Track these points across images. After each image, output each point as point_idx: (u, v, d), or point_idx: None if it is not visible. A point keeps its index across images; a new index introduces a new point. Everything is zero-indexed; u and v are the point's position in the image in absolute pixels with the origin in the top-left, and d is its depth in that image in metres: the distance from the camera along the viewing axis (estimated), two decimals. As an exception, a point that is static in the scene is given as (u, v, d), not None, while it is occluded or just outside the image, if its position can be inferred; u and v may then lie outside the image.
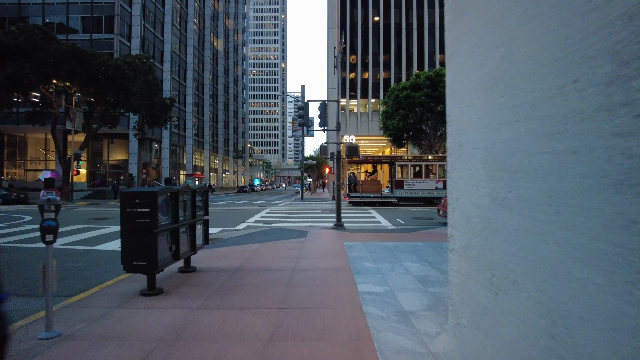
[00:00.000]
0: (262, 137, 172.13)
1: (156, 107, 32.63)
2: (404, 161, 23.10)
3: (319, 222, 14.51)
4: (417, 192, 22.42)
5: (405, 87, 28.19)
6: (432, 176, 22.87)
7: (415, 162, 23.16)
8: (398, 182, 22.51)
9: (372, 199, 22.62)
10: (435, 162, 23.08)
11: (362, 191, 22.77)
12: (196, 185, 50.82)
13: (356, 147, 11.64)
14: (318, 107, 11.84)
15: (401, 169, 22.93)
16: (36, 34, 26.47)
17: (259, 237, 9.88)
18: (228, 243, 9.11)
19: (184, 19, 60.23)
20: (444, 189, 21.88)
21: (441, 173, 22.76)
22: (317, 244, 8.57)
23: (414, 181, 22.55)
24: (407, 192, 22.45)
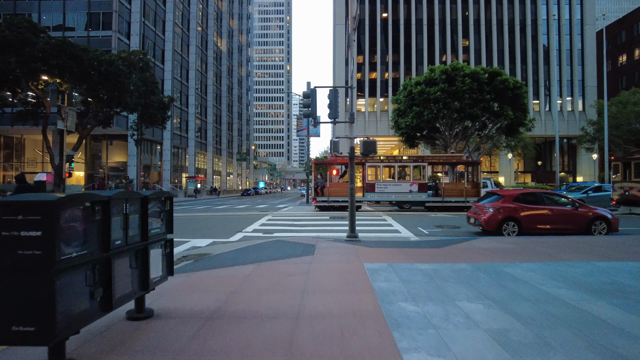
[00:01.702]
0: (267, 139, 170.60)
1: (153, 105, 30.82)
2: (375, 161, 21.08)
3: (328, 231, 12.48)
4: (390, 196, 20.53)
5: (419, 82, 26.17)
6: (406, 178, 20.90)
7: (387, 163, 21.25)
8: (369, 185, 20.57)
9: (340, 203, 20.61)
10: (409, 162, 21.00)
11: (330, 195, 20.69)
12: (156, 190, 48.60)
13: (373, 143, 9.63)
14: (327, 95, 9.85)
15: (372, 170, 21.07)
16: (24, 27, 24.76)
17: (255, 254, 7.87)
18: (214, 263, 7.12)
19: (186, 18, 58.65)
20: (419, 192, 20.31)
21: (417, 175, 20.88)
22: (328, 266, 6.53)
23: (386, 183, 20.58)
24: (378, 195, 20.54)
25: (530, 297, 4.68)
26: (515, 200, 11.20)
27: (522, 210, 11.06)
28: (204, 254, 8.49)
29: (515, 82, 25.43)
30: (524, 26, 48.79)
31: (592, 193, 20.94)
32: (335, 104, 9.63)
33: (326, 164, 22.65)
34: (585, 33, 48.10)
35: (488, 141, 30.79)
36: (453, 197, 20.29)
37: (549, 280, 5.53)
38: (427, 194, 20.60)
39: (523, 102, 25.94)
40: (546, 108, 48.21)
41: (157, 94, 31.55)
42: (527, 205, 11.12)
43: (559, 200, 11.40)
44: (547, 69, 48.34)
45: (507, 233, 11.06)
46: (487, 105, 25.20)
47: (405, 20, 49.03)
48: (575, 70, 48.36)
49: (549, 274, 5.95)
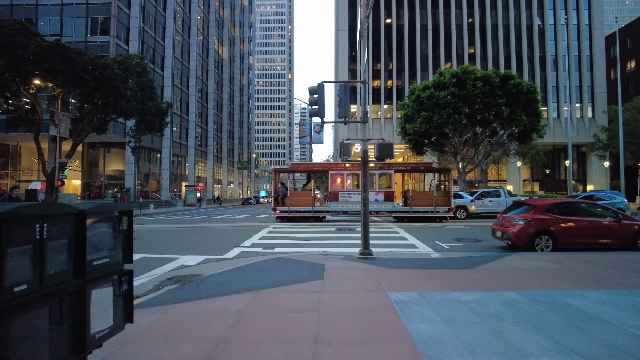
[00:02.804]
0: (269, 147, 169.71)
1: (151, 111, 29.64)
2: (339, 169, 19.87)
3: (335, 245, 11.15)
4: (355, 206, 19.21)
5: (427, 87, 24.98)
6: (373, 187, 19.63)
7: (352, 171, 19.89)
8: (332, 194, 19.44)
9: (302, 213, 19.45)
10: (375, 170, 19.71)
11: (291, 205, 19.49)
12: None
13: (390, 146, 8.36)
14: (337, 92, 8.62)
15: (335, 178, 19.80)
16: (16, 30, 23.73)
17: (253, 277, 6.56)
18: (202, 289, 5.81)
19: (187, 25, 57.93)
20: (385, 202, 19.16)
21: (384, 183, 19.72)
22: (344, 297, 5.21)
23: (351, 192, 19.40)
24: (342, 205, 19.36)
25: (633, 350, 3.36)
26: (548, 212, 9.88)
27: (556, 223, 9.74)
28: (193, 275, 7.19)
29: (529, 86, 24.22)
30: (531, 32, 47.80)
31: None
32: (346, 101, 8.39)
33: (288, 172, 21.42)
34: (594, 38, 47.06)
35: (499, 148, 29.51)
36: (422, 206, 19.02)
37: (637, 319, 4.20)
38: (394, 203, 19.37)
39: (537, 106, 24.71)
40: (554, 115, 46.99)
41: (155, 99, 30.42)
42: (562, 217, 9.80)
43: (598, 211, 10.07)
44: (556, 76, 47.23)
45: (540, 248, 9.73)
46: (499, 110, 23.99)
47: (410, 26, 48.10)
48: (584, 76, 47.22)
49: (629, 308, 4.62)
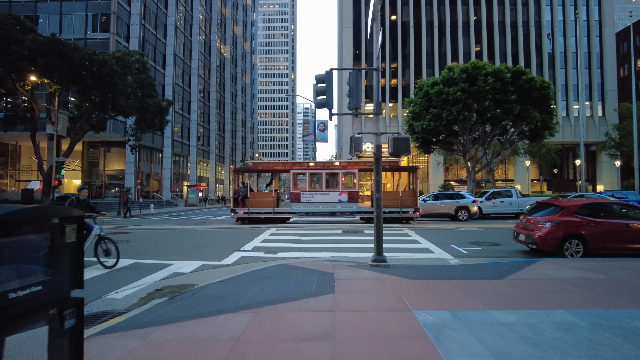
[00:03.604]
0: (271, 147, 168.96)
1: (150, 109, 28.84)
2: (301, 168, 19.29)
3: (343, 250, 10.28)
4: (318, 206, 18.66)
5: (436, 83, 24.07)
6: (336, 187, 19.08)
7: (315, 170, 19.29)
8: (294, 195, 18.72)
9: (263, 214, 18.71)
10: (339, 169, 19.12)
11: (252, 205, 18.70)
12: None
13: (406, 140, 7.48)
14: (347, 81, 7.75)
15: (298, 178, 19.23)
16: (10, 24, 22.99)
17: (252, 291, 5.70)
18: (194, 305, 4.96)
19: (189, 23, 57.17)
20: (349, 202, 18.46)
21: (349, 183, 19.12)
22: (361, 318, 4.33)
23: (313, 193, 18.74)
24: (304, 206, 18.66)
25: None
26: (577, 213, 8.98)
27: (588, 225, 8.83)
28: (186, 286, 6.35)
29: (542, 82, 23.27)
30: (539, 28, 46.75)
31: None
32: (357, 90, 7.53)
33: (249, 171, 20.72)
34: (604, 35, 45.96)
35: (509, 147, 28.55)
36: (387, 207, 18.05)
37: None
38: (358, 204, 18.71)
39: (550, 103, 23.77)
40: (563, 113, 45.92)
41: (155, 97, 29.64)
42: (594, 219, 8.88)
43: (634, 212, 9.16)
44: (565, 73, 46.17)
45: (569, 254, 8.83)
46: (510, 106, 23.03)
47: (415, 23, 47.16)
48: (594, 73, 46.12)
49: None
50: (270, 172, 21.21)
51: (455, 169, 48.06)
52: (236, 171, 20.68)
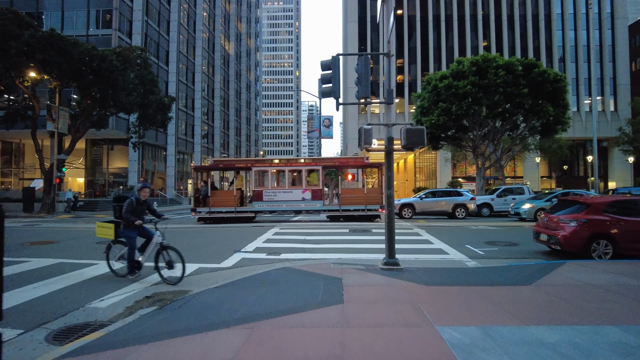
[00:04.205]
0: (276, 145, 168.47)
1: (152, 106, 28.30)
2: (263, 165, 18.75)
3: (350, 250, 9.65)
4: (281, 205, 18.12)
5: (445, 76, 23.32)
6: (299, 184, 18.63)
7: (277, 167, 18.76)
8: (256, 193, 18.14)
9: (224, 214, 18.10)
10: (302, 166, 18.68)
11: (213, 205, 18.02)
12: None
13: (421, 132, 6.81)
14: (355, 67, 7.09)
15: (259, 176, 18.54)
16: (8, 19, 22.52)
17: (250, 299, 5.09)
18: (182, 318, 4.36)
19: (192, 19, 56.60)
20: (313, 200, 17.84)
21: (314, 180, 18.60)
22: (376, 336, 3.69)
23: (276, 191, 18.21)
24: (267, 205, 18.07)
25: None
26: (606, 211, 8.28)
27: (617, 224, 8.12)
28: (178, 292, 5.76)
29: (556, 75, 22.43)
30: (549, 22, 45.66)
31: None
32: (366, 77, 6.87)
33: (209, 169, 20.03)
34: (617, 28, 44.78)
35: (519, 142, 27.73)
36: (352, 204, 17.76)
37: None
38: (323, 202, 18.12)
39: (564, 96, 22.93)
40: (574, 108, 44.86)
41: (157, 93, 29.10)
42: (623, 218, 8.17)
43: (666, 210, 8.43)
44: (575, 67, 45.09)
45: (597, 255, 8.14)
46: (522, 100, 22.24)
47: (422, 18, 46.25)
48: (605, 67, 45.00)
49: None
50: (232, 170, 20.58)
51: (462, 165, 47.23)
52: (196, 169, 20.13)
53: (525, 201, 19.08)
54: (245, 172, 20.99)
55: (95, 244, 10.96)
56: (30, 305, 5.21)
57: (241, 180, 21.49)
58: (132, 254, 6.39)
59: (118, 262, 6.75)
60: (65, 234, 13.75)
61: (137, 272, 6.51)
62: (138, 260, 6.44)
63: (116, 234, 6.57)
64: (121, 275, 6.64)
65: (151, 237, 6.55)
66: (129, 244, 6.38)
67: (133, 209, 6.31)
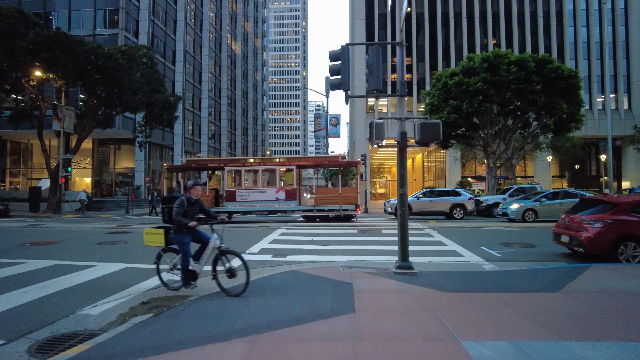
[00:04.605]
0: (283, 145, 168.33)
1: (158, 105, 28.07)
2: (236, 165, 18.51)
3: (359, 252, 9.21)
4: (254, 205, 17.84)
5: (455, 73, 22.78)
6: (273, 184, 18.48)
7: (250, 167, 18.42)
8: (229, 193, 17.90)
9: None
10: (275, 166, 18.46)
11: None
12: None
13: (436, 126, 6.38)
14: (365, 58, 6.66)
15: (233, 175, 18.48)
16: (14, 18, 22.41)
17: (253, 307, 4.68)
18: (177, 328, 3.96)
19: (199, 18, 56.48)
20: (287, 200, 17.63)
21: (289, 180, 18.41)
22: (393, 352, 3.26)
23: (249, 191, 17.91)
24: (240, 205, 17.80)
25: None
26: (634, 211, 7.75)
27: (647, 225, 7.60)
28: (177, 298, 5.37)
29: (570, 71, 21.78)
30: (560, 18, 44.77)
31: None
32: (378, 68, 6.45)
33: (182, 169, 19.79)
34: (631, 24, 43.73)
35: (532, 141, 27.06)
36: (327, 204, 17.41)
37: None
38: (297, 201, 17.84)
39: (578, 93, 22.27)
40: (586, 107, 43.91)
41: (163, 92, 28.88)
42: (653, 219, 7.65)
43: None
44: (588, 64, 44.12)
45: (624, 259, 7.62)
46: (535, 97, 21.63)
47: (430, 15, 45.60)
48: (619, 64, 43.96)
49: None
50: (205, 170, 20.30)
51: (472, 165, 46.52)
52: (169, 169, 19.90)
53: (514, 201, 18.77)
54: (214, 172, 20.71)
55: (96, 244, 10.65)
56: (16, 312, 4.85)
57: (217, 180, 21.20)
58: (186, 262, 5.50)
59: (170, 274, 5.86)
60: (67, 234, 13.48)
61: (192, 283, 5.57)
62: (193, 270, 5.55)
63: (167, 241, 5.69)
64: (174, 288, 5.80)
65: (207, 241, 5.66)
66: (182, 251, 5.50)
67: (184, 210, 5.53)
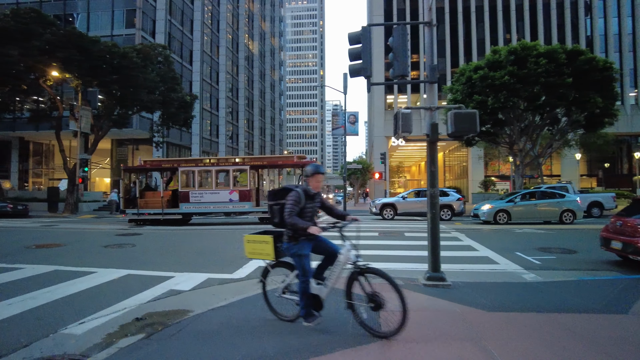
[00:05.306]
0: (300, 145, 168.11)
1: (174, 104, 27.78)
2: (188, 165, 18.10)
3: (384, 258, 8.40)
4: (208, 207, 17.55)
5: (479, 67, 21.65)
6: (227, 185, 18.24)
7: (203, 167, 18.06)
8: (183, 194, 17.61)
9: (152, 215, 17.62)
10: (229, 166, 18.23)
11: (141, 206, 17.64)
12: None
13: (472, 115, 5.52)
14: (389, 41, 5.86)
15: (187, 176, 17.96)
16: (30, 18, 22.38)
17: (262, 328, 3.96)
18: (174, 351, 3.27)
19: (216, 18, 56.40)
20: (241, 202, 17.28)
21: (243, 180, 18.21)
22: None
23: (202, 192, 17.58)
24: (194, 206, 17.54)
25: None
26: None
27: None
28: (176, 314, 4.66)
29: (605, 62, 20.41)
30: (589, 9, 42.81)
31: None
32: (403, 51, 5.64)
33: (137, 170, 19.52)
34: (665, 13, 41.54)
35: (560, 138, 25.66)
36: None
37: None
38: (252, 203, 17.46)
39: (613, 86, 20.91)
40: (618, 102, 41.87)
41: (179, 91, 28.57)
42: None
43: None
44: (619, 57, 41.99)
45: (690, 269, 6.63)
46: (566, 91, 20.36)
47: (451, 10, 44.24)
48: (653, 56, 41.84)
49: None
50: (159, 170, 19.98)
51: (495, 164, 44.98)
52: (126, 170, 19.71)
53: (485, 202, 18.28)
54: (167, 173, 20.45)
55: (103, 247, 10.14)
56: (-7, 330, 4.26)
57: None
58: (306, 283, 3.82)
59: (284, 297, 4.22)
60: (77, 235, 13.08)
61: (316, 314, 3.87)
62: (316, 295, 3.86)
63: (277, 252, 4.00)
64: (288, 319, 4.15)
65: (335, 253, 3.91)
66: (300, 267, 3.84)
67: (301, 208, 3.80)
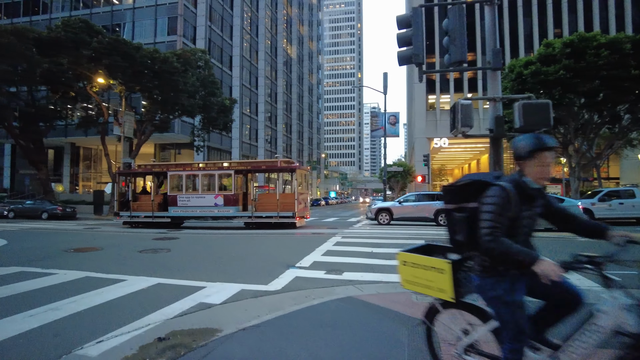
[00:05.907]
0: (338, 148, 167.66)
1: (214, 108, 28.08)
2: (176, 170, 18.58)
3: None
4: (195, 210, 17.92)
5: (530, 62, 20.27)
6: (211, 189, 18.31)
7: (190, 171, 18.47)
8: (171, 198, 18.10)
9: (142, 219, 18.44)
10: (214, 170, 18.36)
11: (134, 209, 18.48)
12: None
13: (545, 106, 4.65)
14: (444, 23, 5.12)
15: (175, 180, 18.45)
16: (79, 28, 23.25)
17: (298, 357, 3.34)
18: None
19: (255, 23, 57.08)
20: (226, 206, 17.40)
21: (228, 184, 18.16)
22: None
23: (189, 196, 17.91)
24: (182, 210, 17.99)
25: None
26: None
27: None
28: (203, 333, 4.13)
29: (680, 51, 18.48)
30: (650, -2, 39.56)
31: None
32: (462, 33, 4.88)
33: (130, 174, 20.10)
34: None
35: (624, 137, 23.54)
36: (265, 211, 17.10)
37: None
38: (237, 207, 17.58)
39: (686, 78, 18.84)
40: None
41: (218, 95, 28.86)
42: None
43: None
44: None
45: None
46: (632, 85, 18.55)
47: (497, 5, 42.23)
48: None
49: None
50: (151, 175, 20.14)
51: (544, 166, 42.27)
52: (120, 174, 20.36)
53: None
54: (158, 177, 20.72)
55: (137, 252, 9.94)
56: (7, 346, 3.88)
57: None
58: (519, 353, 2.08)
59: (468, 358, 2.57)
60: (116, 238, 13.10)
61: None
62: None
63: (458, 288, 2.31)
64: None
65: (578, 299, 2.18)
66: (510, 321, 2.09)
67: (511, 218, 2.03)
